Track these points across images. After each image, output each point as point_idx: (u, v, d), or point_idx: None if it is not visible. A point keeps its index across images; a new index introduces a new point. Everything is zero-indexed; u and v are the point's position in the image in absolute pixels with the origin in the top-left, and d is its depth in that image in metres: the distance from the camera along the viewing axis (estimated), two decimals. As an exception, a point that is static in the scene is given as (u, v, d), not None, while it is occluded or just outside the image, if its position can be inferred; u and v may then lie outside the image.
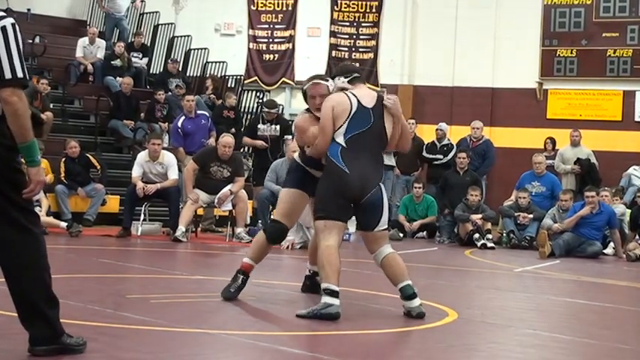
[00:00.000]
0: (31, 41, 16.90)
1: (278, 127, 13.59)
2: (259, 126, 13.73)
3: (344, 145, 6.01)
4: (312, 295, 6.80)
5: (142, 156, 12.49)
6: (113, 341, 4.66)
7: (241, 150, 15.40)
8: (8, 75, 3.91)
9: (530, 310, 7.16)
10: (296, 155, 6.66)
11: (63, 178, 12.99)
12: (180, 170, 12.63)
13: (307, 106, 6.51)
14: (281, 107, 15.68)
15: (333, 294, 5.73)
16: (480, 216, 13.67)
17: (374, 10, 19.23)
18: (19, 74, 3.93)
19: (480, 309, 6.95)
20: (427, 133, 16.79)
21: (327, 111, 6.09)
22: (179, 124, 13.73)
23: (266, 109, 13.79)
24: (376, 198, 6.03)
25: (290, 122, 13.64)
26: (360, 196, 5.99)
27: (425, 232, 15.00)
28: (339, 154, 6.01)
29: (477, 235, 13.47)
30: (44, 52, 17.24)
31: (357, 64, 19.03)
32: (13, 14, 4.07)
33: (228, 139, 12.27)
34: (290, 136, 13.19)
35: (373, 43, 19.15)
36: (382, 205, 6.06)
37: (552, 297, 8.11)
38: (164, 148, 12.97)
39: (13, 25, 3.95)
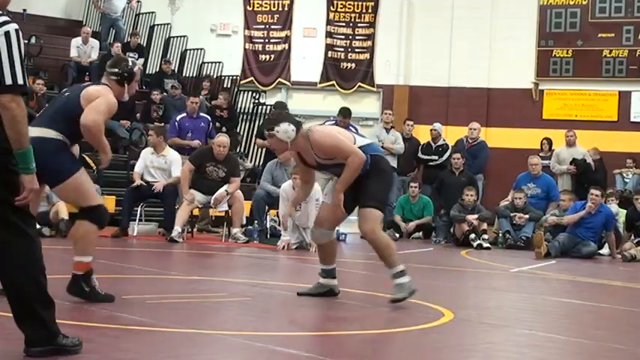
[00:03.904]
0: (26, 41, 16.88)
1: None
2: None
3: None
4: (311, 295, 6.78)
5: (147, 149, 12.60)
6: (109, 342, 4.66)
7: (238, 150, 15.37)
8: (9, 81, 3.88)
9: (526, 310, 7.17)
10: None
11: (59, 179, 12.93)
12: None
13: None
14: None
15: (403, 273, 6.58)
16: (475, 216, 13.68)
17: (370, 10, 19.23)
18: (20, 81, 3.90)
19: (476, 309, 6.95)
20: (423, 134, 16.80)
21: (341, 135, 6.62)
22: (177, 118, 13.88)
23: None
24: None
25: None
26: None
27: (421, 233, 15.00)
28: (382, 150, 7.14)
29: (472, 236, 13.48)
30: (40, 53, 17.21)
31: (353, 65, 19.10)
32: (9, 14, 4.02)
33: (223, 138, 12.26)
34: None
35: (369, 43, 19.16)
36: None
37: (548, 297, 8.12)
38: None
39: (16, 31, 3.94)
